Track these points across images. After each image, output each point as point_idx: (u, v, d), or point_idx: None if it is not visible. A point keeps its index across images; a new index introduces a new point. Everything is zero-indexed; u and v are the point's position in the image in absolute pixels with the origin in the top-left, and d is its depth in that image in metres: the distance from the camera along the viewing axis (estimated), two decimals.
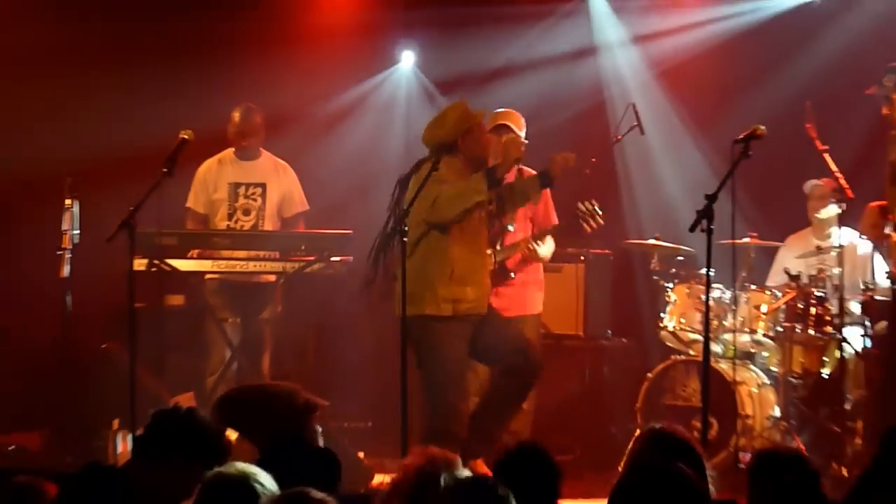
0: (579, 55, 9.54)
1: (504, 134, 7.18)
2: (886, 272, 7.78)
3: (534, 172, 6.95)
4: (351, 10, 9.63)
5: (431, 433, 6.55)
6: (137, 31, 9.31)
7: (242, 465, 3.64)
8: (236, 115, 8.25)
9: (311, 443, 4.75)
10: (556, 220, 7.49)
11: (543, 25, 9.40)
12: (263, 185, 8.29)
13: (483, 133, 6.92)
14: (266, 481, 3.57)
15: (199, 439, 4.35)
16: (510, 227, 7.69)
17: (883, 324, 7.88)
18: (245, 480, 3.53)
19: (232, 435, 5.76)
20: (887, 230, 7.63)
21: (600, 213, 7.11)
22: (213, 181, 8.29)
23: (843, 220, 7.97)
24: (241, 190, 8.28)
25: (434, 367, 6.73)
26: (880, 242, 7.81)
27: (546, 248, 7.51)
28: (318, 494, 3.32)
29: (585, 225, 7.16)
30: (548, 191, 7.20)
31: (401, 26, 9.69)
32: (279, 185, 8.32)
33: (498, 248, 7.71)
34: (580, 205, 7.16)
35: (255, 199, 8.27)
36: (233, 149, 8.29)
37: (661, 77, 9.41)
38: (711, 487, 4.09)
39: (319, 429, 5.07)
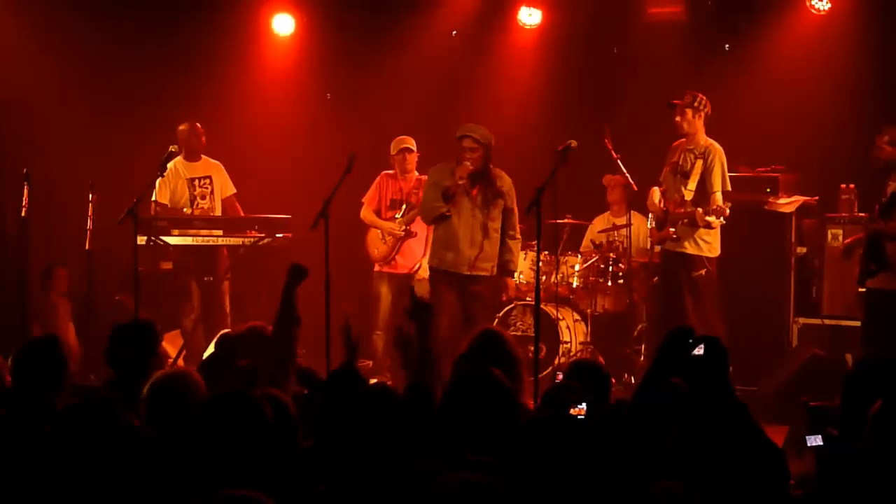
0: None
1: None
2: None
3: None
4: (290, 64, 11.22)
5: None
6: (139, 72, 10.56)
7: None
8: (184, 129, 9.47)
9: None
10: None
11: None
12: (210, 177, 9.56)
13: None
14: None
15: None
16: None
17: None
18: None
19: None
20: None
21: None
22: (173, 180, 9.40)
23: (630, 204, 9.29)
24: (196, 182, 9.50)
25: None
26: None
27: None
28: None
29: None
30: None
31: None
32: (218, 176, 9.59)
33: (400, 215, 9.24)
34: None
35: (206, 188, 9.51)
36: (181, 157, 9.41)
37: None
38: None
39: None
